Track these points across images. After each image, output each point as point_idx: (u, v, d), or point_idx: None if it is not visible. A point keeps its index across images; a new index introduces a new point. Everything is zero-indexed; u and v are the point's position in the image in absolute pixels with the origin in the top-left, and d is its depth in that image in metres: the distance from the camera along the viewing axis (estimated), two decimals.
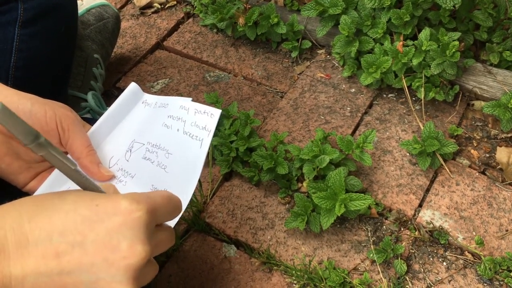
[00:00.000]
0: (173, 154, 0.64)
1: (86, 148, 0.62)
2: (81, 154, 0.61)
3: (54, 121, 0.59)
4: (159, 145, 0.65)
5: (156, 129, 0.67)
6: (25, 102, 0.58)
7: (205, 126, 0.65)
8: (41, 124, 0.58)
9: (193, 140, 0.65)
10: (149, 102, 0.69)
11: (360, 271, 0.81)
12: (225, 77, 1.13)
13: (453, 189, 0.90)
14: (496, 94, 0.99)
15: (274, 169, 0.89)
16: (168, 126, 0.66)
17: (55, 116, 0.59)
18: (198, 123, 0.65)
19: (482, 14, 1.01)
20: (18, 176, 0.60)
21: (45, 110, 0.58)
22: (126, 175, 0.64)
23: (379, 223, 0.87)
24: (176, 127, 0.66)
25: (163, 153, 0.65)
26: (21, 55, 0.77)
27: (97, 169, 0.62)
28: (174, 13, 1.30)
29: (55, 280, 0.41)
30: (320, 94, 1.07)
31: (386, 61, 0.98)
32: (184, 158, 0.64)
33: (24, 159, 0.61)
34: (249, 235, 0.86)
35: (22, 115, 0.57)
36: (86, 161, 0.62)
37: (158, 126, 0.67)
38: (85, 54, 1.01)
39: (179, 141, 0.65)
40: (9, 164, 0.59)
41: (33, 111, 0.58)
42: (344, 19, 1.03)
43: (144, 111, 0.69)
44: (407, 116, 1.01)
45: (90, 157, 0.62)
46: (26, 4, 0.78)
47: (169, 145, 0.65)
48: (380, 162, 0.94)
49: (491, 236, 0.84)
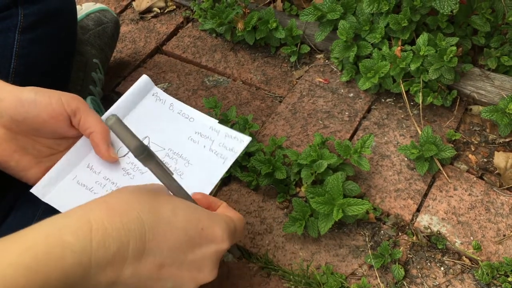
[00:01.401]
0: (193, 165, 0.66)
1: (100, 124, 0.62)
2: (96, 128, 0.62)
3: (61, 105, 0.59)
4: (181, 155, 0.67)
5: (181, 140, 0.68)
6: (29, 93, 0.58)
7: (232, 148, 0.67)
8: (48, 110, 0.58)
9: (217, 158, 0.66)
10: (162, 98, 0.70)
11: (358, 276, 0.81)
12: (224, 82, 1.13)
13: (451, 194, 0.90)
14: (494, 99, 1.00)
15: (272, 173, 0.89)
16: (195, 141, 0.68)
17: (61, 100, 0.59)
18: (226, 145, 0.68)
19: (480, 19, 1.01)
20: (28, 172, 0.61)
21: (49, 96, 0.59)
22: (136, 169, 0.65)
23: (377, 228, 0.87)
24: (203, 143, 0.68)
25: (183, 162, 0.66)
26: (21, 60, 0.78)
27: (105, 148, 0.63)
28: (173, 18, 1.30)
29: (147, 283, 0.49)
30: (318, 99, 1.07)
31: (384, 66, 0.99)
32: (202, 171, 0.66)
33: (33, 154, 0.61)
34: (248, 240, 0.86)
35: (27, 105, 0.57)
36: (99, 136, 0.62)
37: (183, 137, 0.68)
38: (84, 59, 1.01)
39: (202, 155, 0.67)
40: (18, 161, 0.60)
41: (37, 99, 0.58)
42: (342, 24, 1.04)
43: (160, 109, 0.69)
44: (405, 121, 1.02)
45: (103, 134, 0.63)
46: (27, 10, 0.78)
47: (191, 157, 0.67)
48: (378, 167, 0.95)
49: (488, 241, 0.84)
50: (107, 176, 0.63)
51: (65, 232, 0.43)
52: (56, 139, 0.62)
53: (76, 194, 0.62)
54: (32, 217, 0.64)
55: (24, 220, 0.64)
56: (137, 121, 0.68)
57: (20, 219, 0.65)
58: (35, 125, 0.58)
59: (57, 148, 0.63)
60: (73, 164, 0.63)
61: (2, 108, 0.57)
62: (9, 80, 0.77)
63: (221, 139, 0.68)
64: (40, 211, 0.65)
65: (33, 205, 0.65)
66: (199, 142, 0.68)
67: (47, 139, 0.61)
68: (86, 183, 0.63)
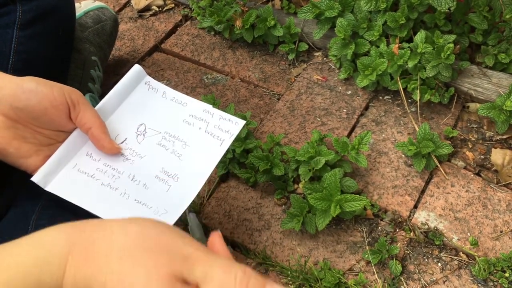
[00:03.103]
0: (190, 147, 0.67)
1: (98, 119, 0.63)
2: (94, 124, 0.62)
3: (62, 95, 0.59)
4: (177, 137, 0.67)
5: (176, 123, 0.69)
6: (29, 81, 0.58)
7: (228, 130, 0.67)
8: (50, 99, 0.58)
9: (214, 139, 0.67)
10: (154, 86, 0.71)
11: (355, 271, 0.82)
12: (223, 79, 1.14)
13: (448, 190, 0.90)
14: (491, 96, 1.00)
15: (270, 170, 0.89)
16: (190, 123, 0.69)
17: (63, 90, 0.60)
18: (221, 127, 0.68)
19: (477, 17, 1.01)
20: (27, 160, 0.61)
21: (51, 86, 0.59)
22: (135, 154, 0.65)
23: (374, 224, 0.87)
24: (198, 125, 0.68)
25: (180, 143, 0.67)
26: (19, 57, 0.78)
27: (108, 141, 0.63)
28: (172, 16, 1.30)
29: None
30: (316, 96, 1.07)
31: (382, 63, 0.99)
32: (201, 152, 0.66)
33: (32, 142, 0.61)
34: (245, 236, 0.86)
35: (29, 94, 0.57)
36: (98, 131, 0.62)
37: (178, 120, 0.69)
38: (83, 56, 1.01)
39: (199, 137, 0.68)
40: (17, 148, 0.60)
41: (39, 88, 0.58)
42: (340, 21, 1.04)
43: (153, 97, 0.70)
44: (403, 118, 1.02)
45: (102, 128, 0.63)
46: (25, 7, 0.78)
47: (187, 139, 0.68)
48: (376, 164, 0.95)
49: (485, 237, 0.84)
50: (107, 163, 0.64)
51: (45, 271, 0.40)
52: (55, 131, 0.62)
53: (78, 181, 0.62)
54: (31, 213, 0.64)
55: (23, 216, 0.64)
56: (131, 109, 0.69)
57: (19, 215, 0.65)
58: (35, 114, 0.59)
59: (56, 138, 0.63)
60: (72, 152, 0.63)
61: (2, 95, 0.57)
62: None
63: (215, 121, 0.68)
64: (39, 207, 0.65)
65: (32, 201, 0.65)
66: (194, 124, 0.68)
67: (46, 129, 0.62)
68: (87, 170, 0.63)
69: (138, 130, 0.68)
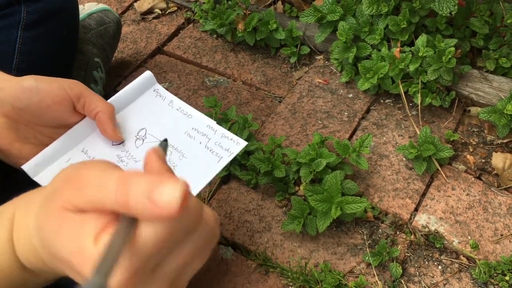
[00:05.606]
0: (187, 159, 0.66)
1: (105, 103, 0.62)
2: (102, 108, 0.61)
3: (63, 90, 0.59)
4: (176, 147, 0.67)
5: (177, 133, 0.69)
6: (29, 80, 0.58)
7: (228, 149, 0.67)
8: (51, 96, 0.58)
9: (213, 155, 0.67)
10: (162, 94, 0.72)
11: (356, 274, 0.82)
12: (224, 82, 1.14)
13: (448, 193, 0.91)
14: (492, 100, 1.00)
15: (271, 172, 0.90)
16: (191, 136, 0.69)
17: (63, 85, 0.59)
18: (222, 145, 0.68)
19: (478, 21, 1.02)
20: (28, 160, 0.61)
21: (50, 82, 0.59)
22: (130, 157, 0.65)
23: (375, 226, 0.87)
24: (199, 140, 0.68)
25: (177, 154, 0.67)
26: (23, 57, 0.79)
27: (111, 127, 0.63)
28: (174, 19, 1.31)
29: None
30: (318, 99, 1.08)
31: (383, 67, 1.00)
32: (196, 165, 0.66)
33: (33, 143, 0.61)
34: (246, 238, 0.87)
35: (29, 91, 0.57)
36: (105, 116, 0.62)
37: (179, 131, 0.69)
38: (86, 58, 1.02)
39: (198, 151, 0.67)
40: (19, 149, 0.60)
41: (39, 86, 0.58)
42: (342, 25, 1.05)
43: (160, 104, 0.70)
44: (404, 121, 1.02)
45: (109, 114, 0.62)
46: (29, 7, 0.79)
47: (186, 151, 0.67)
48: (377, 167, 0.95)
49: (486, 241, 0.84)
50: None
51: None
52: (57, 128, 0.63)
53: None
54: None
55: None
56: (136, 113, 0.69)
57: None
58: (37, 112, 0.59)
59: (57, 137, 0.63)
60: (68, 146, 0.63)
61: (3, 97, 0.57)
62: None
63: (217, 138, 0.68)
64: None
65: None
66: (196, 138, 0.68)
67: (48, 127, 0.62)
68: None
69: (138, 134, 0.68)
